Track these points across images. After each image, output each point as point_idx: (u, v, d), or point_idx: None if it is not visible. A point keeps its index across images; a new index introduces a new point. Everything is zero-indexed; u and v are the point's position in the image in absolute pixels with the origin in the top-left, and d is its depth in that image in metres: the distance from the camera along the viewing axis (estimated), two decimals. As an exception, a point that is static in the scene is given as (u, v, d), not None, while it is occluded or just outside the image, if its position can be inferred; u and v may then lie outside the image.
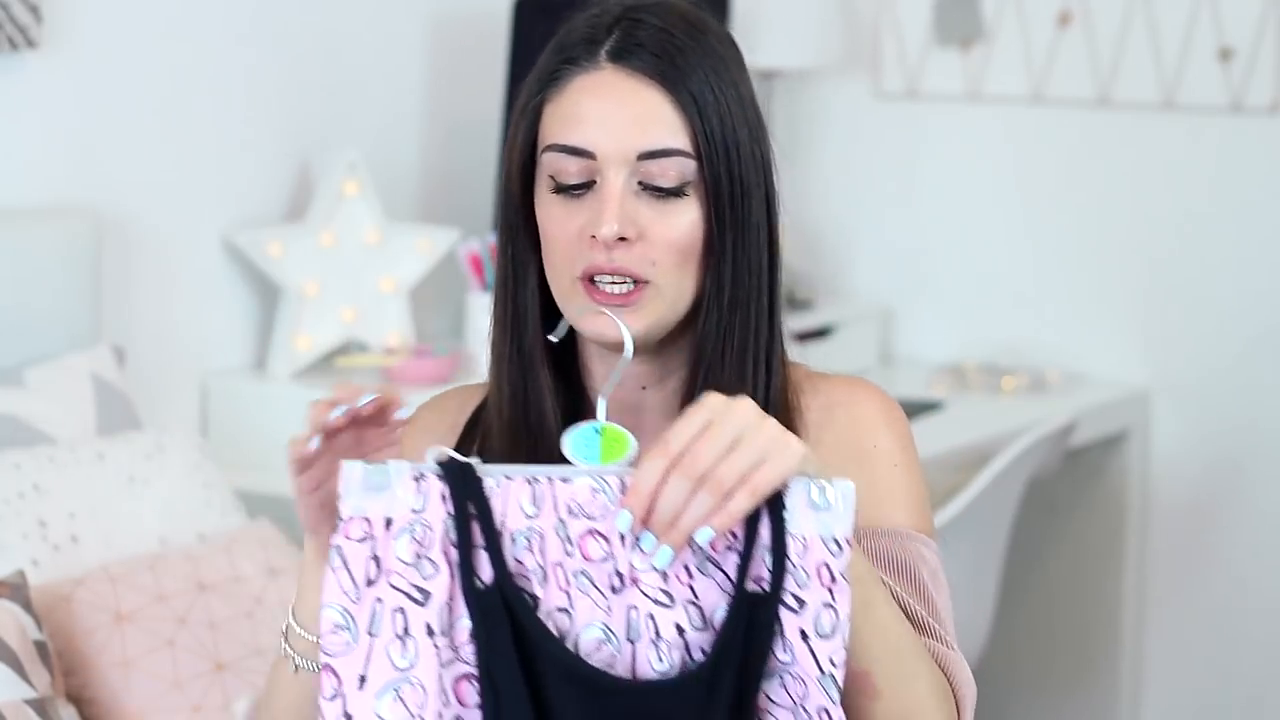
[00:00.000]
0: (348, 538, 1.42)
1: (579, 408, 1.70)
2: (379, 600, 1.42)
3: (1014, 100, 4.04)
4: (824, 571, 1.42)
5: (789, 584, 1.42)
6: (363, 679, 1.42)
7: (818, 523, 1.43)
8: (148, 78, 3.26)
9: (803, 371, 1.73)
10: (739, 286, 1.65)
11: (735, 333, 1.66)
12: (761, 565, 1.43)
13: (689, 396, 1.66)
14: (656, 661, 1.43)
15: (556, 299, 1.66)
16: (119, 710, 2.53)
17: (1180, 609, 3.97)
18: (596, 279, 1.63)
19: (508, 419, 1.69)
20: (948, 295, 4.15)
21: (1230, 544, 3.91)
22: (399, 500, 1.43)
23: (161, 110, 3.28)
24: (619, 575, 1.43)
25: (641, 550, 1.43)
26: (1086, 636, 4.01)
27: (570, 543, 1.43)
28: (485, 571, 1.42)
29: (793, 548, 1.42)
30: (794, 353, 1.73)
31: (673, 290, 1.63)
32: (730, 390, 1.60)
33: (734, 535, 1.43)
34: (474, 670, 1.43)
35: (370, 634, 1.42)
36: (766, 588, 1.42)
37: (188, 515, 2.81)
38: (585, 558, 1.43)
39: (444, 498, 1.43)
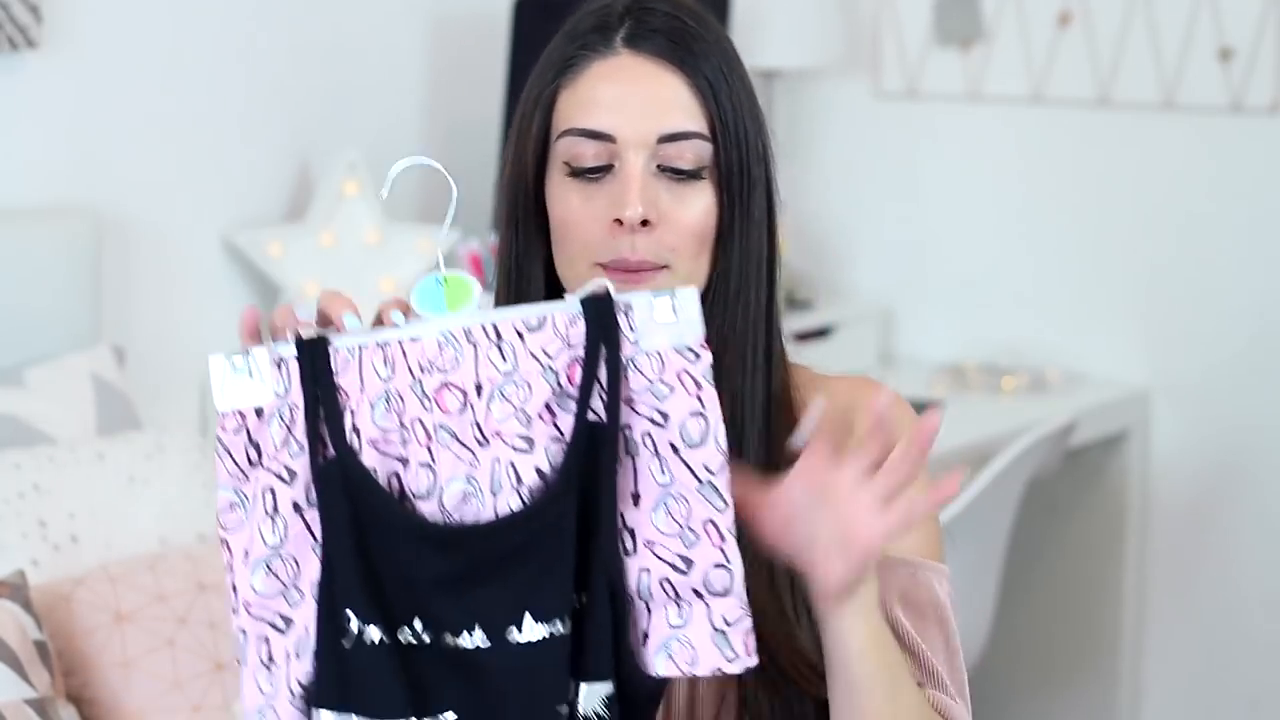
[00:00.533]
0: (224, 430, 1.47)
1: None
2: (258, 482, 1.47)
3: (1014, 100, 4.04)
4: (686, 379, 1.46)
5: (648, 399, 1.45)
6: (246, 554, 1.47)
7: (669, 335, 1.46)
8: (148, 78, 3.26)
9: (807, 374, 1.73)
10: (742, 276, 1.66)
11: (736, 322, 1.67)
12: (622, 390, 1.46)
13: None
14: (520, 507, 1.46)
15: (570, 285, 1.65)
16: (119, 710, 2.53)
17: (1180, 609, 3.97)
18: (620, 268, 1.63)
19: None
20: (948, 295, 4.15)
21: (1230, 544, 3.90)
22: (265, 388, 1.47)
23: (161, 110, 3.28)
24: (479, 428, 1.46)
25: None
26: (1086, 636, 4.01)
27: (427, 398, 1.46)
28: (332, 446, 1.46)
29: (648, 364, 1.46)
30: (793, 354, 1.74)
31: (686, 275, 1.64)
32: (733, 381, 1.61)
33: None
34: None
35: (253, 514, 1.47)
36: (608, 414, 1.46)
37: (188, 515, 2.81)
38: (443, 410, 1.46)
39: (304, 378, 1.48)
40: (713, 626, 1.46)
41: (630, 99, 1.64)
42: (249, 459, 1.48)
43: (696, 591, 1.45)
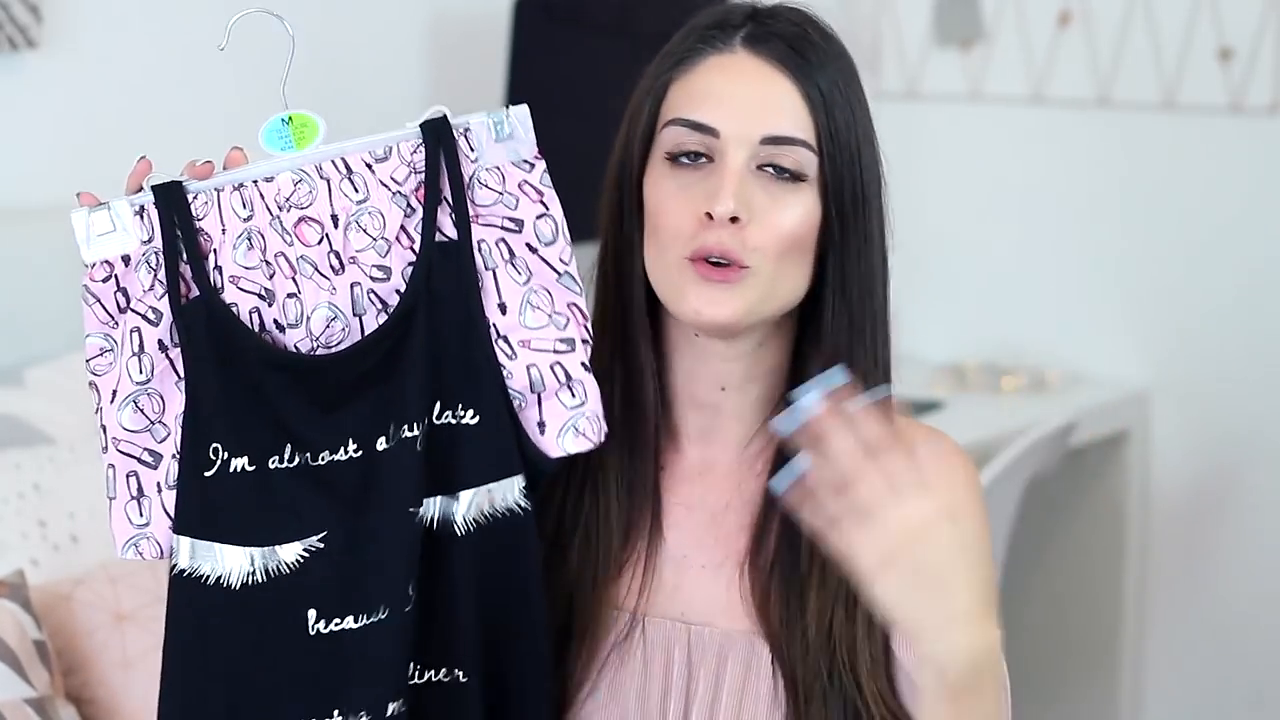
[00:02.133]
0: (92, 279, 1.55)
1: (666, 413, 1.71)
2: (126, 325, 1.55)
3: (1014, 100, 4.04)
4: (528, 188, 1.57)
5: (499, 210, 1.56)
6: (114, 393, 1.56)
7: (505, 151, 1.57)
8: (148, 78, 3.26)
9: (903, 421, 1.70)
10: (863, 288, 1.66)
11: (864, 333, 1.66)
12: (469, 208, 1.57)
13: (776, 404, 1.67)
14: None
15: (655, 278, 1.66)
16: (119, 710, 2.53)
17: (1180, 609, 3.97)
18: (704, 259, 1.62)
19: (621, 415, 1.69)
20: (948, 295, 4.15)
21: (1230, 544, 3.90)
22: (129, 237, 1.55)
23: (161, 110, 3.28)
24: (336, 256, 1.55)
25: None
26: (1086, 636, 4.01)
27: (288, 233, 1.55)
28: (195, 286, 1.55)
29: (492, 179, 1.56)
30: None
31: (770, 279, 1.63)
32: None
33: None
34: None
35: (121, 355, 1.55)
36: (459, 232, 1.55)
37: (188, 515, 2.81)
38: (304, 243, 1.55)
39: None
40: (600, 398, 1.59)
41: (739, 95, 1.64)
42: (118, 305, 1.55)
43: (584, 366, 1.58)
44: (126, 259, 1.55)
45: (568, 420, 1.58)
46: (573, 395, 1.58)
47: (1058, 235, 4.03)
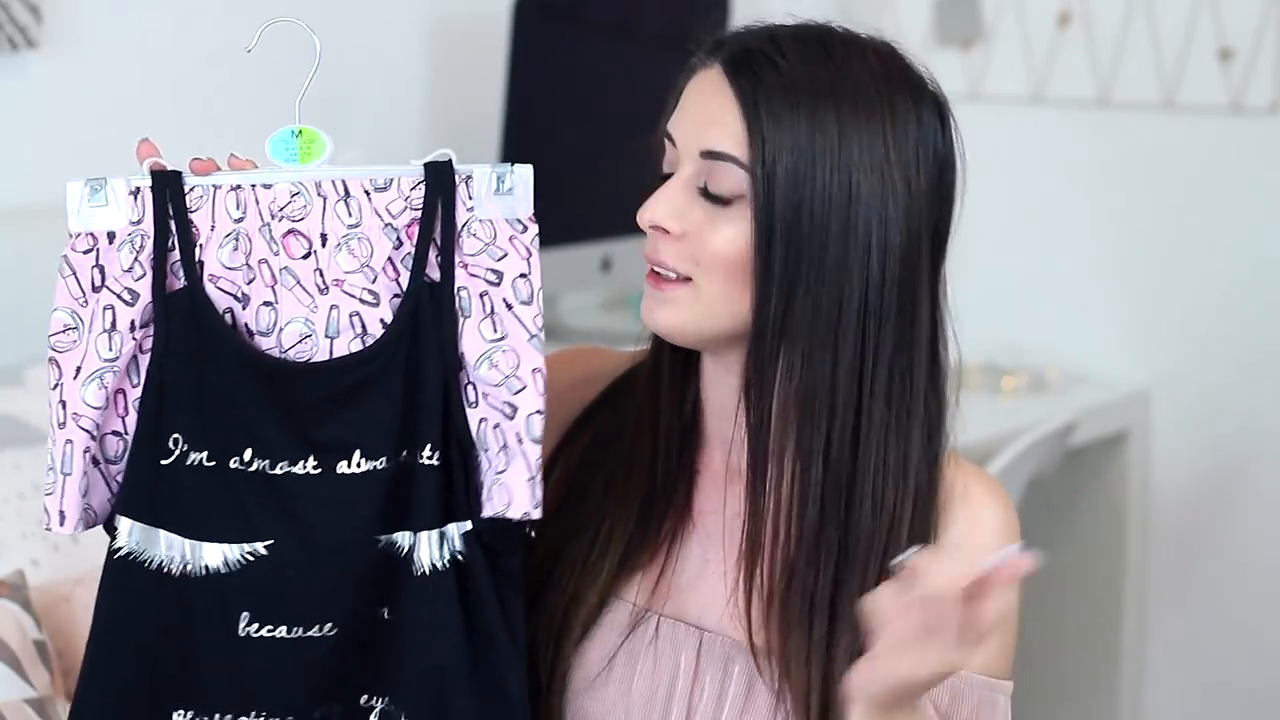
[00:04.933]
0: (74, 250, 1.56)
1: (693, 427, 1.71)
2: (98, 303, 1.56)
3: (1014, 100, 4.04)
4: (518, 245, 1.57)
5: (484, 260, 1.56)
6: (78, 370, 1.56)
7: (502, 206, 1.58)
8: (148, 78, 3.26)
9: (950, 456, 1.68)
10: (814, 330, 1.61)
11: (796, 370, 1.62)
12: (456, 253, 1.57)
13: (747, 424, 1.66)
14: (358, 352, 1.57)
15: None
16: (119, 710, 2.53)
17: (1181, 609, 3.97)
18: (654, 269, 1.65)
19: (651, 408, 1.71)
20: (948, 295, 4.14)
21: (1230, 544, 3.90)
22: (119, 214, 1.55)
23: (161, 110, 3.28)
24: (321, 275, 1.56)
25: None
26: (1087, 636, 4.01)
27: (275, 242, 1.56)
28: (182, 276, 1.56)
29: (483, 231, 1.57)
30: None
31: (712, 297, 1.62)
32: (806, 441, 1.61)
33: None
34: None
35: (90, 332, 1.56)
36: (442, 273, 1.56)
37: (188, 515, 2.81)
38: (289, 255, 1.56)
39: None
40: (529, 472, 1.56)
41: (694, 110, 1.65)
42: (93, 283, 1.55)
43: (519, 437, 1.55)
44: (111, 236, 1.56)
45: (490, 484, 1.57)
46: (503, 460, 1.56)
47: (1058, 235, 4.03)
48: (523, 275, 1.56)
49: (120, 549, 1.56)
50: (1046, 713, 4.06)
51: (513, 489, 1.56)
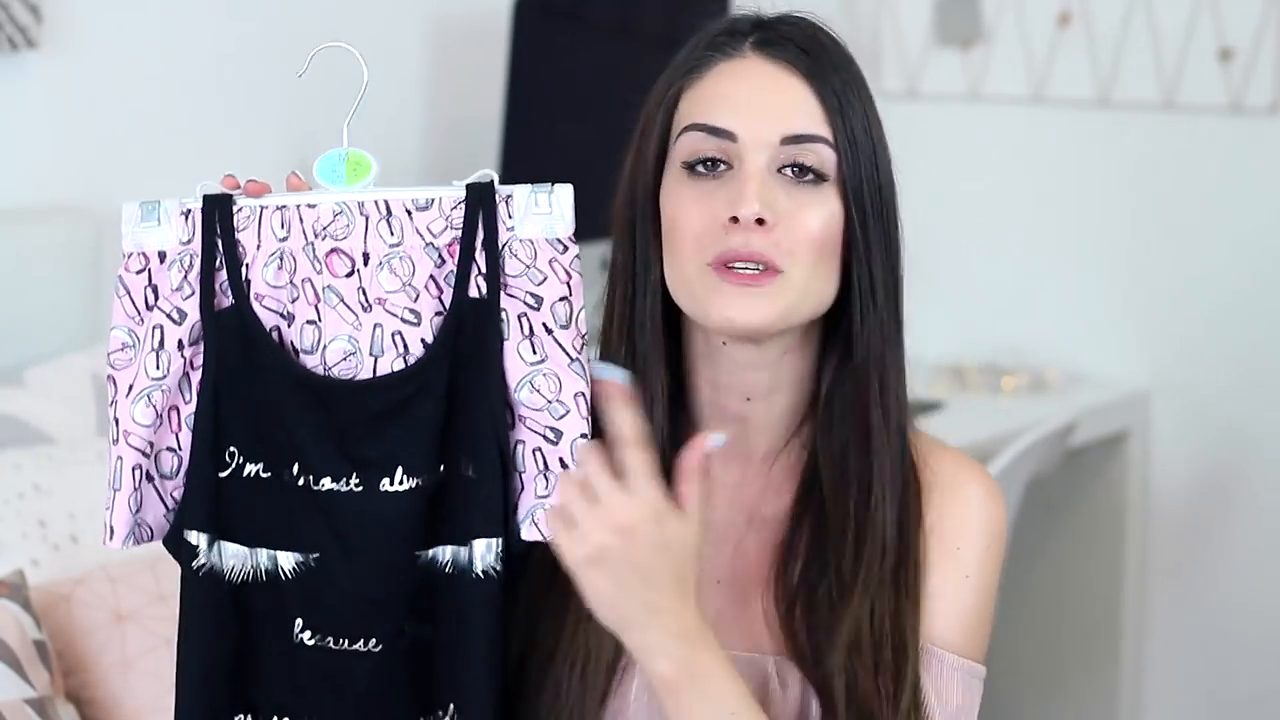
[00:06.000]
0: (128, 270, 1.59)
1: (680, 416, 1.69)
2: (150, 322, 1.59)
3: (1014, 100, 4.04)
4: (557, 267, 1.57)
5: (524, 284, 1.57)
6: (130, 388, 1.59)
7: (541, 226, 1.57)
8: (148, 78, 3.26)
9: (924, 438, 1.70)
10: (891, 293, 1.64)
11: (871, 351, 1.64)
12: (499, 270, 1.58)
13: (812, 411, 1.67)
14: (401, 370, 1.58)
15: (676, 290, 1.64)
16: (119, 710, 2.53)
17: (1180, 609, 3.97)
18: (731, 265, 1.60)
19: None
20: (948, 295, 4.15)
21: (1230, 544, 3.90)
22: (170, 234, 1.59)
23: (161, 110, 3.28)
24: (364, 294, 1.57)
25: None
26: (1086, 636, 4.01)
27: (318, 260, 1.58)
28: (230, 295, 1.59)
29: (523, 251, 1.57)
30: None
31: (803, 283, 1.61)
32: (868, 415, 1.62)
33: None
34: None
35: (141, 350, 1.59)
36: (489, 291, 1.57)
37: (188, 515, 2.81)
38: (332, 273, 1.58)
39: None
40: None
41: (755, 98, 1.63)
42: (146, 302, 1.59)
43: (562, 462, 1.56)
44: (163, 256, 1.59)
45: (531, 507, 1.58)
46: (546, 485, 1.57)
47: (1058, 235, 4.03)
48: (563, 298, 1.57)
49: (201, 564, 1.60)
50: (1046, 712, 4.06)
51: None
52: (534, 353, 1.57)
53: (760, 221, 1.59)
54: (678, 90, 1.66)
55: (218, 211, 1.58)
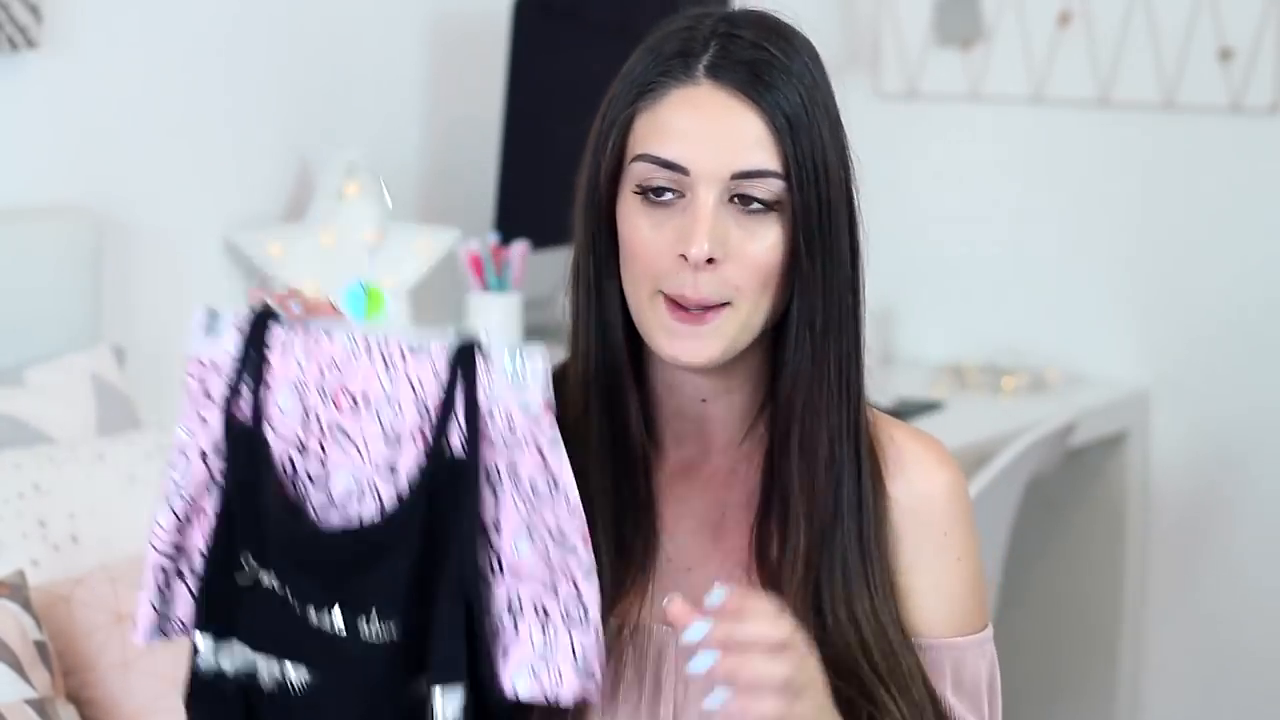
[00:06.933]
0: (190, 376, 1.63)
1: (648, 420, 1.71)
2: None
3: (1014, 100, 4.04)
4: (530, 440, 1.53)
5: (503, 451, 1.54)
6: (165, 490, 1.65)
7: (514, 394, 1.54)
8: (148, 78, 3.26)
9: (876, 414, 1.72)
10: (829, 313, 1.66)
11: (830, 361, 1.67)
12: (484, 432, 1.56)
13: (774, 419, 1.68)
14: (378, 519, 1.58)
15: (632, 308, 1.67)
16: (119, 710, 2.53)
17: (1180, 609, 3.97)
18: (680, 304, 1.63)
19: (604, 436, 1.69)
20: (948, 295, 4.15)
21: (1230, 544, 3.90)
22: (223, 345, 1.62)
23: (161, 110, 3.28)
24: (363, 434, 1.58)
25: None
26: (1086, 636, 4.01)
27: (325, 395, 1.59)
28: (249, 415, 1.61)
29: (500, 416, 1.54)
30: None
31: (749, 312, 1.64)
32: (828, 418, 1.64)
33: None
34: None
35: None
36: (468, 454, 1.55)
37: (188, 515, 2.81)
38: (337, 409, 1.59)
39: None
40: (574, 655, 1.54)
41: (707, 132, 1.64)
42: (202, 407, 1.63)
43: (564, 617, 1.55)
44: (215, 365, 1.63)
45: (527, 660, 1.56)
46: (543, 638, 1.56)
47: (1058, 235, 4.03)
48: (540, 471, 1.54)
49: (201, 664, 1.63)
50: (1045, 712, 4.06)
51: (563, 672, 1.56)
52: (522, 506, 1.56)
53: (710, 260, 1.62)
54: (631, 114, 1.67)
55: (256, 332, 1.61)
